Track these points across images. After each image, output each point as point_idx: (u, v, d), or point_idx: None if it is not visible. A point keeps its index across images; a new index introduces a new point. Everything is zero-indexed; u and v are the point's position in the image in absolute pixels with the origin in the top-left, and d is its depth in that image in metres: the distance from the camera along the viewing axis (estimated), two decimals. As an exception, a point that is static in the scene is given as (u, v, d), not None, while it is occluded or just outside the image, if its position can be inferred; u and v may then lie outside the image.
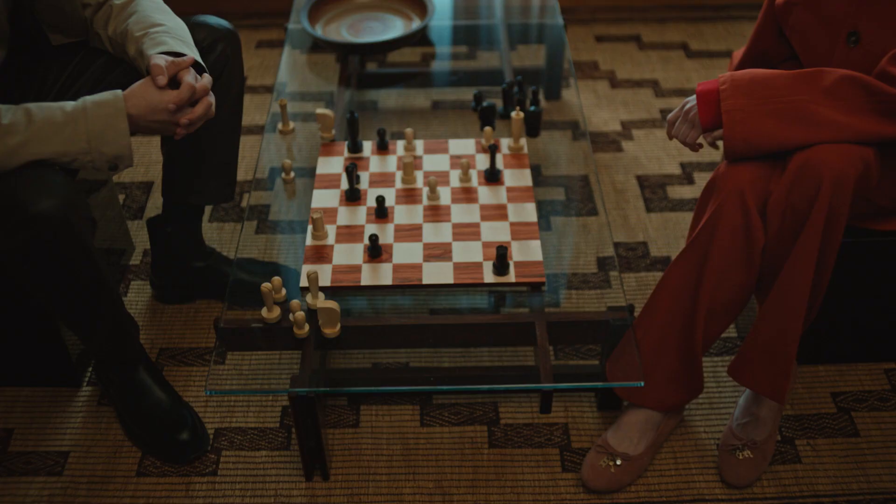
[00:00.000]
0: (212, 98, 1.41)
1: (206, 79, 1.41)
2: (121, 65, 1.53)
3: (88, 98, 1.33)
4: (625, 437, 1.55)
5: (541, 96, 2.05)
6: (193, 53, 1.43)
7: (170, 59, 1.38)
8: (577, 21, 2.80)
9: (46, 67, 1.55)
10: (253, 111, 2.42)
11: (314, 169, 1.81)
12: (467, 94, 2.28)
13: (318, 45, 2.24)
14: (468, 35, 2.38)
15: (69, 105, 1.31)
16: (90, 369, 1.75)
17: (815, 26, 1.43)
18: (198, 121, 1.40)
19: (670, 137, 1.48)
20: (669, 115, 1.47)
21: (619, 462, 1.53)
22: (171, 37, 1.44)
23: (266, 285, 1.47)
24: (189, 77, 1.37)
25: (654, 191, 2.16)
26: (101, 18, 1.51)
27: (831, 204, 1.30)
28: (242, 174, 2.20)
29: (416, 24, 2.17)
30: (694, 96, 1.41)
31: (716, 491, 1.54)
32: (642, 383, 1.40)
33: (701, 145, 1.46)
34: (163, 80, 1.35)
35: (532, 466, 1.58)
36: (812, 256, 1.34)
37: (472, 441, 1.62)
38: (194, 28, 1.56)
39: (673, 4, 2.86)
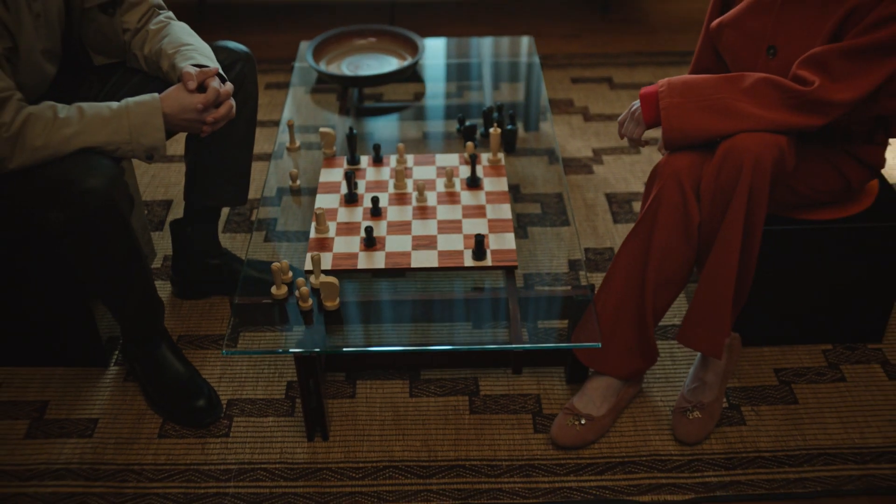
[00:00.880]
0: (232, 101, 1.67)
1: (229, 85, 1.67)
2: (153, 81, 1.79)
3: (131, 99, 1.59)
4: (589, 401, 1.76)
5: (517, 121, 2.30)
6: (217, 67, 1.69)
7: (198, 69, 1.64)
8: (555, 66, 3.09)
9: (89, 83, 1.82)
10: (262, 142, 2.68)
11: (316, 186, 2.05)
12: (454, 125, 2.55)
13: (322, 81, 2.51)
14: (456, 73, 2.65)
15: (115, 104, 1.57)
16: (117, 352, 1.97)
17: (742, 43, 1.70)
18: (221, 120, 1.66)
19: (621, 136, 1.73)
20: (619, 118, 1.73)
21: (583, 422, 1.74)
22: (198, 53, 1.71)
23: (276, 265, 1.70)
24: (214, 83, 1.64)
25: (620, 206, 2.40)
26: (139, 41, 1.78)
27: (752, 183, 1.54)
28: (252, 193, 2.45)
29: (407, 62, 2.46)
30: (638, 100, 1.67)
31: (669, 448, 1.75)
32: (600, 344, 1.63)
33: (646, 142, 1.71)
34: (192, 84, 1.61)
35: (507, 429, 1.79)
36: (738, 229, 1.58)
37: (455, 409, 1.83)
38: (216, 50, 1.83)
39: (642, 51, 3.15)
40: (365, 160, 2.12)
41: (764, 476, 1.69)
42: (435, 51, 2.69)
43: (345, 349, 1.72)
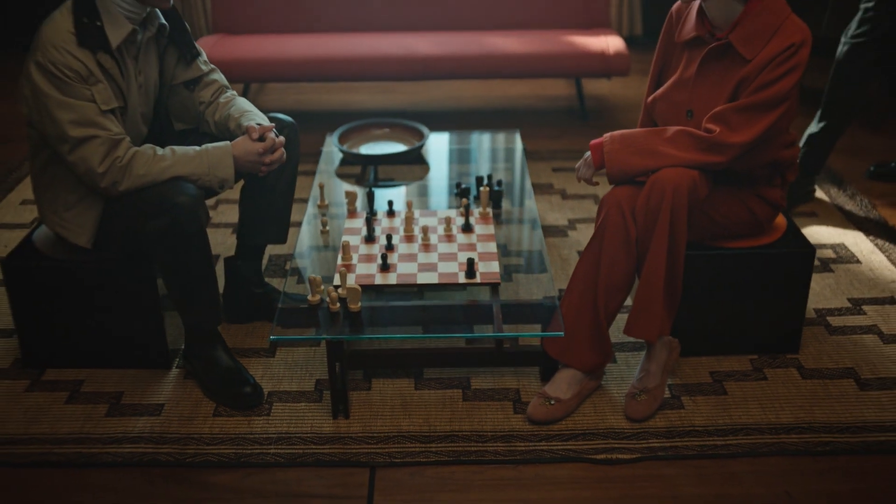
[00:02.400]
0: (283, 150, 2.22)
1: (281, 138, 2.22)
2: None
3: (210, 144, 2.14)
4: (558, 387, 2.22)
5: (503, 186, 2.82)
6: (272, 125, 2.25)
7: (258, 125, 2.20)
8: (540, 159, 3.67)
9: (169, 144, 2.37)
10: (294, 212, 3.21)
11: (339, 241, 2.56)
12: (453, 190, 3.09)
13: (345, 162, 3.07)
14: (456, 157, 3.21)
15: (198, 147, 2.12)
16: (178, 358, 2.44)
17: (669, 110, 2.25)
18: (275, 163, 2.20)
19: (578, 179, 2.26)
20: (576, 165, 2.27)
21: (552, 402, 2.19)
22: (258, 117, 2.27)
23: (313, 276, 2.20)
24: (271, 134, 2.19)
25: (590, 259, 2.91)
26: (211, 111, 2.35)
27: (673, 206, 2.06)
28: (286, 250, 2.97)
29: (415, 144, 3.02)
30: (589, 150, 2.21)
31: (622, 424, 2.18)
32: (563, 334, 2.10)
33: (597, 183, 2.24)
34: (255, 135, 2.16)
35: (493, 411, 2.23)
36: (664, 242, 2.08)
37: (451, 398, 2.28)
38: (269, 119, 2.40)
39: (614, 149, 3.73)
40: (381, 213, 2.65)
41: (696, 442, 2.12)
42: (438, 141, 3.26)
43: (363, 336, 2.18)
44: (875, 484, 2.00)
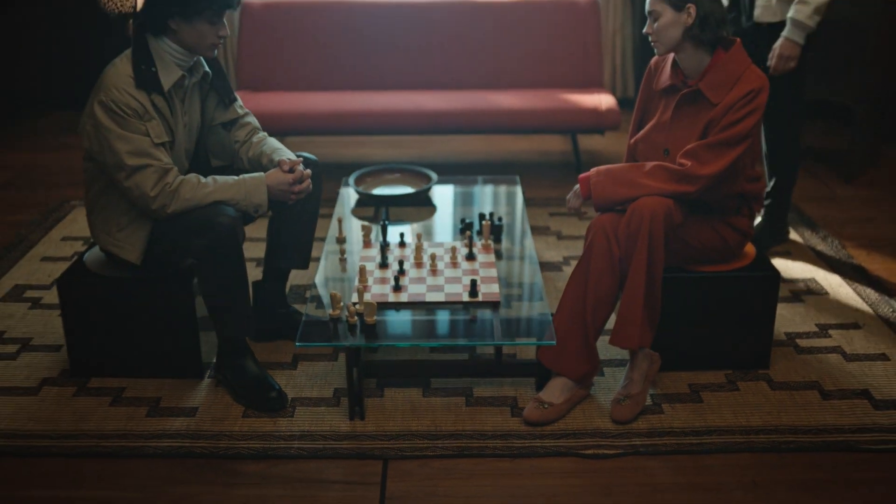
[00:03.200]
0: (310, 181, 2.53)
1: (308, 171, 2.54)
2: (252, 177, 2.66)
3: (246, 174, 2.45)
4: (551, 393, 2.48)
5: (503, 222, 3.11)
6: (300, 159, 2.57)
7: (289, 159, 2.52)
8: (538, 205, 3.98)
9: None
10: (313, 249, 3.51)
11: (356, 268, 2.86)
12: (458, 226, 3.38)
13: (360, 203, 3.38)
14: (460, 199, 3.52)
15: (236, 177, 2.43)
16: (209, 370, 2.71)
17: (649, 150, 2.57)
18: (303, 192, 2.51)
19: (568, 209, 2.56)
20: (567, 196, 2.57)
21: (546, 406, 2.45)
22: (287, 153, 2.59)
23: (333, 292, 2.49)
24: (299, 167, 2.50)
25: (582, 289, 3.19)
26: (245, 149, 2.67)
27: (650, 230, 2.35)
28: (306, 280, 3.25)
29: (423, 186, 3.34)
30: (578, 183, 2.51)
31: (608, 426, 2.44)
32: (555, 342, 2.38)
33: (585, 211, 2.54)
34: (286, 167, 2.48)
35: (492, 415, 2.49)
36: (643, 262, 2.36)
37: (455, 404, 2.54)
38: (296, 156, 2.71)
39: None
40: (393, 244, 2.94)
41: (674, 441, 2.37)
42: (444, 186, 3.57)
43: (377, 344, 2.45)
44: (830, 475, 2.25)
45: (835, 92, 4.30)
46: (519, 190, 3.45)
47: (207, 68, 2.58)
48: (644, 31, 2.50)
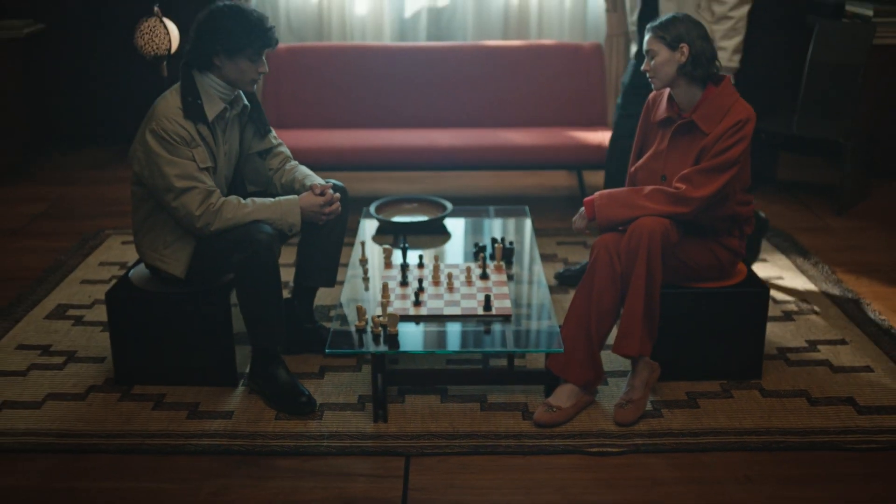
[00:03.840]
0: (339, 204, 2.78)
1: (337, 194, 2.79)
2: (284, 201, 2.91)
3: (281, 197, 2.70)
4: (559, 398, 2.69)
5: (513, 245, 3.35)
6: (330, 184, 2.82)
7: (319, 184, 2.77)
8: (547, 235, 4.22)
9: (245, 201, 2.94)
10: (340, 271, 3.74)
11: (378, 287, 3.10)
12: (471, 250, 3.62)
13: (381, 231, 3.61)
14: (472, 228, 3.77)
15: (273, 199, 2.68)
16: (243, 379, 2.93)
17: (647, 177, 2.81)
18: (332, 214, 2.76)
19: (574, 229, 2.80)
20: (573, 218, 2.81)
21: (555, 409, 2.66)
22: (317, 179, 2.84)
23: (359, 305, 2.72)
24: (329, 191, 2.76)
25: (588, 309, 3.41)
26: (278, 176, 2.93)
27: (649, 247, 2.58)
28: (331, 301, 3.48)
29: (439, 215, 3.58)
30: (584, 206, 2.76)
31: (612, 428, 2.65)
32: (562, 349, 2.60)
33: (588, 232, 2.78)
34: (318, 190, 2.73)
35: (505, 418, 2.70)
36: (642, 277, 2.59)
37: (471, 409, 2.76)
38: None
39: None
40: (412, 265, 3.18)
41: (673, 441, 2.58)
42: (458, 217, 3.80)
43: (399, 350, 2.67)
44: (817, 470, 2.46)
45: (826, 129, 4.55)
46: (528, 219, 3.69)
47: (247, 101, 2.84)
48: (642, 68, 2.76)
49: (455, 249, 3.45)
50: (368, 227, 3.63)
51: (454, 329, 2.78)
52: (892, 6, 4.72)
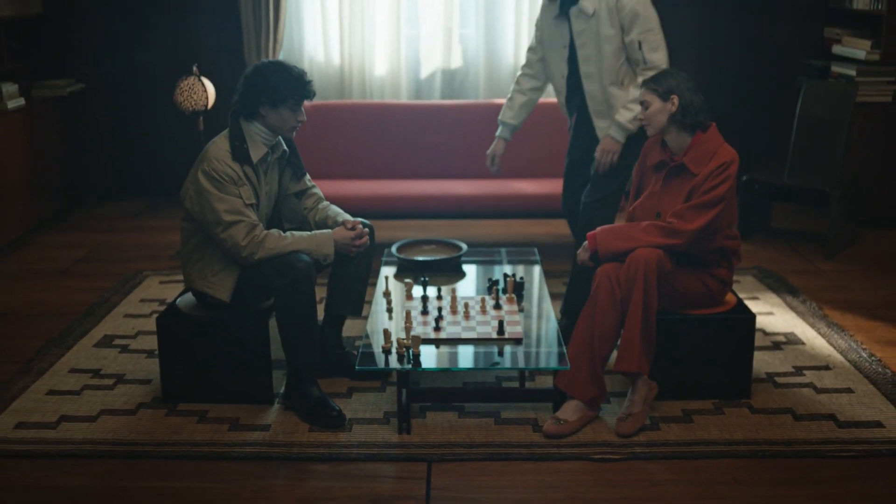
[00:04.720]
0: (368, 239, 3.11)
1: (366, 229, 3.12)
2: (317, 236, 3.24)
3: (317, 231, 3.04)
4: (566, 412, 2.97)
5: (524, 280, 3.65)
6: (360, 220, 3.16)
7: (351, 220, 3.11)
8: (553, 276, 4.53)
9: (282, 236, 3.27)
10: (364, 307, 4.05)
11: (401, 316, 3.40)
12: (485, 284, 3.92)
13: (401, 269, 3.93)
14: (485, 266, 4.08)
15: (309, 232, 3.02)
16: (278, 398, 3.22)
17: (644, 214, 3.13)
18: (362, 246, 3.09)
19: (578, 261, 3.11)
20: (577, 251, 3.12)
21: (562, 422, 2.94)
22: (348, 216, 3.18)
23: (385, 328, 3.02)
24: (360, 226, 3.09)
25: (592, 339, 3.71)
26: (312, 215, 3.26)
27: (645, 275, 2.90)
28: (356, 332, 3.79)
29: (454, 254, 3.91)
30: (587, 240, 3.08)
31: (613, 438, 2.92)
32: (569, 367, 2.89)
33: (591, 263, 3.09)
34: (349, 225, 3.07)
35: (517, 431, 2.98)
36: (639, 303, 2.90)
37: (486, 423, 3.04)
38: (354, 220, 3.30)
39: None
40: (432, 297, 3.49)
41: (669, 449, 2.85)
42: (472, 257, 4.12)
43: (422, 368, 2.96)
44: (800, 474, 2.73)
45: (814, 180, 4.89)
46: (538, 259, 4.00)
47: (286, 147, 3.20)
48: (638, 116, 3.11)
49: (469, 286, 3.76)
50: (390, 266, 3.95)
51: (470, 350, 3.08)
52: (872, 67, 5.10)
